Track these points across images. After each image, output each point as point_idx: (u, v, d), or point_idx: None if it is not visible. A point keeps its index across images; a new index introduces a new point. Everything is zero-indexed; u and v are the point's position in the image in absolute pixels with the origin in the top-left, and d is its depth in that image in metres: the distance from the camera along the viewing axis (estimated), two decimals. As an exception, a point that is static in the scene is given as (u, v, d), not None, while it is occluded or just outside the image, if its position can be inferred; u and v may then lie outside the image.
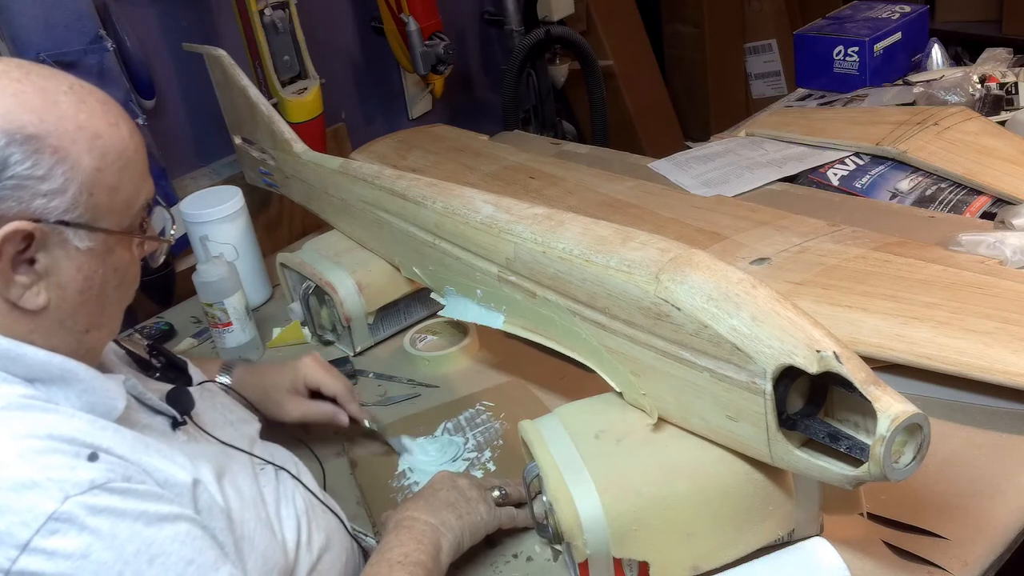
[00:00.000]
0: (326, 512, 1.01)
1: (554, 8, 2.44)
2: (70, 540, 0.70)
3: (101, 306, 0.82)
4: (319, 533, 0.97)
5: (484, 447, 1.20)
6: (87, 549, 0.70)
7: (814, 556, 0.87)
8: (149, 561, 0.73)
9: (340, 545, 1.01)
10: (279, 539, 0.91)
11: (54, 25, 1.54)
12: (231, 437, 0.95)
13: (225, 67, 1.60)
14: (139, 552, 0.72)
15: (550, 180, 1.74)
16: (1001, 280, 1.20)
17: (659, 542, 0.91)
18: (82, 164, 0.77)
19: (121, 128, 0.81)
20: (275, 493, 0.95)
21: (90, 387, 0.80)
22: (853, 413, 0.82)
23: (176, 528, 0.75)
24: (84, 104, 0.78)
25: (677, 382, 0.92)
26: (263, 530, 0.88)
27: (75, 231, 0.77)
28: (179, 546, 0.75)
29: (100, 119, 0.79)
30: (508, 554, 1.04)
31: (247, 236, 1.57)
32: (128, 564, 0.72)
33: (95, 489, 0.72)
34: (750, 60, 3.22)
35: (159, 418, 0.88)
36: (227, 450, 0.93)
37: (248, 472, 0.93)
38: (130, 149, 0.81)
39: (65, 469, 0.72)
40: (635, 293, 0.93)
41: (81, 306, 0.80)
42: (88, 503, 0.71)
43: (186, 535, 0.76)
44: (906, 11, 2.18)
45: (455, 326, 1.42)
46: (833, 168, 1.69)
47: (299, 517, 0.95)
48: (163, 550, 0.74)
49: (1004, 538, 0.95)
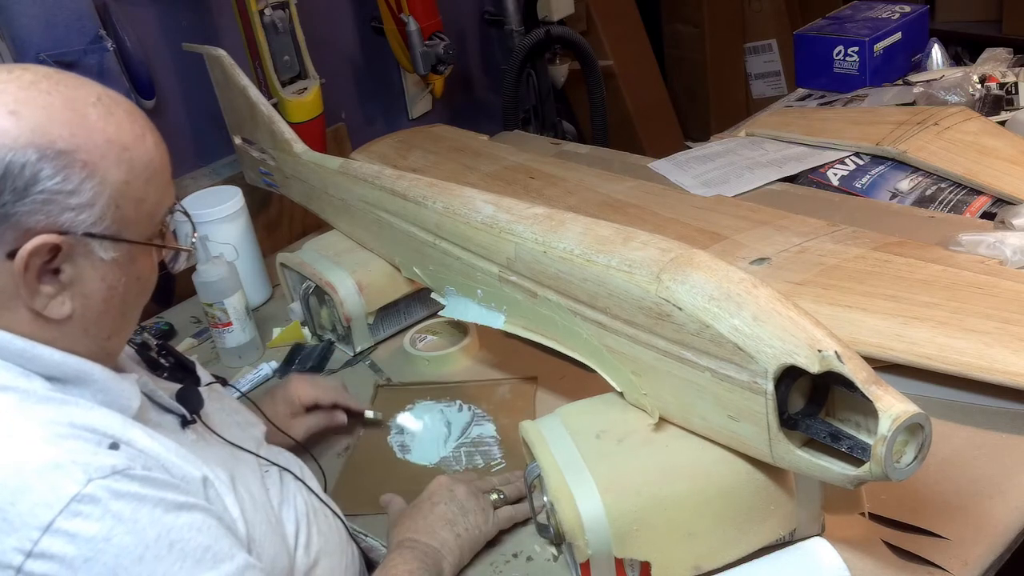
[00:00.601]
0: (327, 515, 1.01)
1: (554, 8, 2.44)
2: (92, 523, 0.70)
3: (123, 313, 0.83)
4: (318, 536, 0.97)
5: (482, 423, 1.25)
6: (109, 533, 0.70)
7: (815, 556, 0.88)
8: (169, 547, 0.73)
9: (340, 549, 1.01)
10: (286, 544, 0.91)
11: (54, 25, 1.54)
12: (238, 438, 0.95)
13: (225, 67, 1.60)
14: (159, 537, 0.73)
15: (550, 180, 1.74)
16: (1001, 280, 1.20)
17: (661, 542, 0.91)
18: (110, 178, 0.77)
19: (147, 140, 0.81)
20: (279, 495, 0.95)
21: (105, 387, 0.80)
22: (854, 413, 0.83)
23: (192, 516, 0.76)
24: (112, 116, 0.79)
25: (678, 382, 0.92)
26: (272, 535, 0.89)
27: (101, 242, 0.78)
28: (196, 533, 0.75)
29: (128, 132, 0.79)
30: (508, 554, 1.04)
31: (247, 236, 1.57)
32: (149, 548, 0.72)
33: (117, 474, 0.72)
34: (750, 60, 3.22)
35: (169, 416, 0.89)
36: (235, 452, 0.93)
37: (256, 474, 0.93)
38: (156, 160, 0.82)
39: (88, 454, 0.73)
40: (636, 293, 0.93)
41: (104, 314, 0.81)
42: (111, 487, 0.72)
43: (202, 523, 0.77)
44: (906, 11, 2.18)
45: (455, 326, 1.42)
46: (833, 168, 1.69)
47: (299, 519, 0.96)
48: (181, 536, 0.74)
49: (1004, 538, 0.95)
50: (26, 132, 0.73)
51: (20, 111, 0.74)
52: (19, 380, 0.76)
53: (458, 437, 1.23)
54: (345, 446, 1.25)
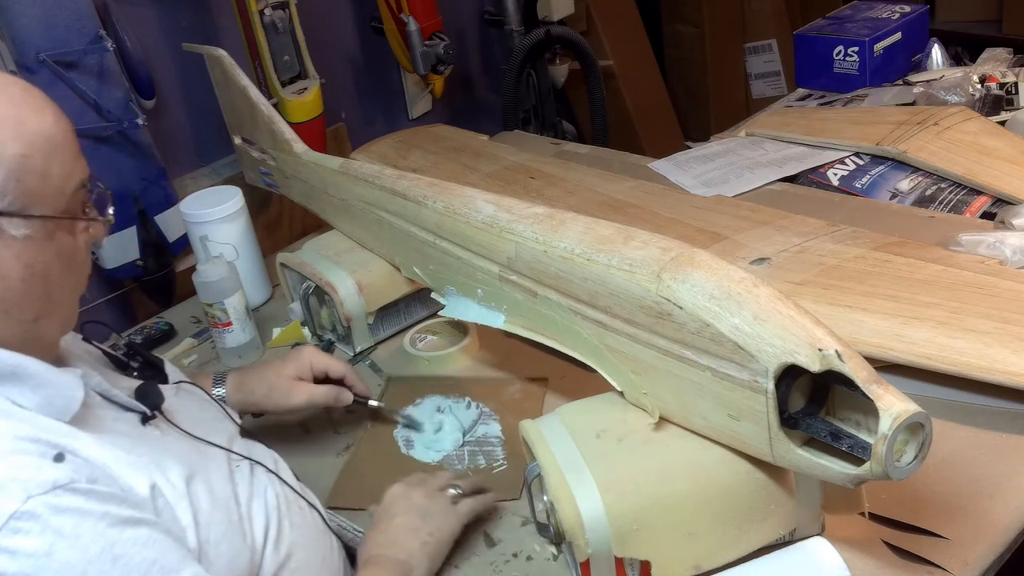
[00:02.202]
0: (302, 507, 1.00)
1: (554, 8, 2.44)
2: (33, 539, 0.70)
3: (47, 294, 0.82)
4: (291, 529, 0.96)
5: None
6: (50, 548, 0.70)
7: (815, 556, 0.88)
8: (112, 561, 0.73)
9: (316, 543, 1.00)
10: (248, 542, 0.90)
11: (54, 25, 1.54)
12: (206, 434, 0.94)
13: (225, 67, 1.60)
14: (103, 552, 0.72)
15: (550, 180, 1.74)
16: (1001, 280, 1.20)
17: (661, 541, 0.91)
18: (7, 152, 0.77)
19: (45, 114, 0.81)
20: (248, 490, 0.94)
21: (44, 381, 0.79)
22: (855, 412, 0.83)
23: (138, 532, 0.76)
24: (4, 94, 0.79)
25: (679, 381, 0.92)
26: (232, 535, 0.88)
27: (9, 220, 0.78)
28: (141, 548, 0.75)
29: (22, 106, 0.80)
30: (508, 553, 1.04)
31: (247, 236, 1.57)
32: (92, 563, 0.72)
33: (58, 489, 0.72)
34: (750, 60, 3.22)
35: (128, 415, 0.88)
36: (202, 448, 0.92)
37: (223, 470, 0.92)
38: (57, 134, 0.81)
39: (30, 469, 0.72)
40: (637, 292, 0.93)
41: (25, 295, 0.80)
42: (51, 503, 0.71)
43: (147, 538, 0.76)
44: (906, 11, 2.18)
45: (455, 326, 1.42)
46: (833, 168, 1.69)
47: (268, 513, 0.94)
48: (125, 551, 0.74)
49: (1004, 538, 0.95)
50: None
51: None
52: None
53: (464, 435, 1.23)
54: (345, 445, 1.25)
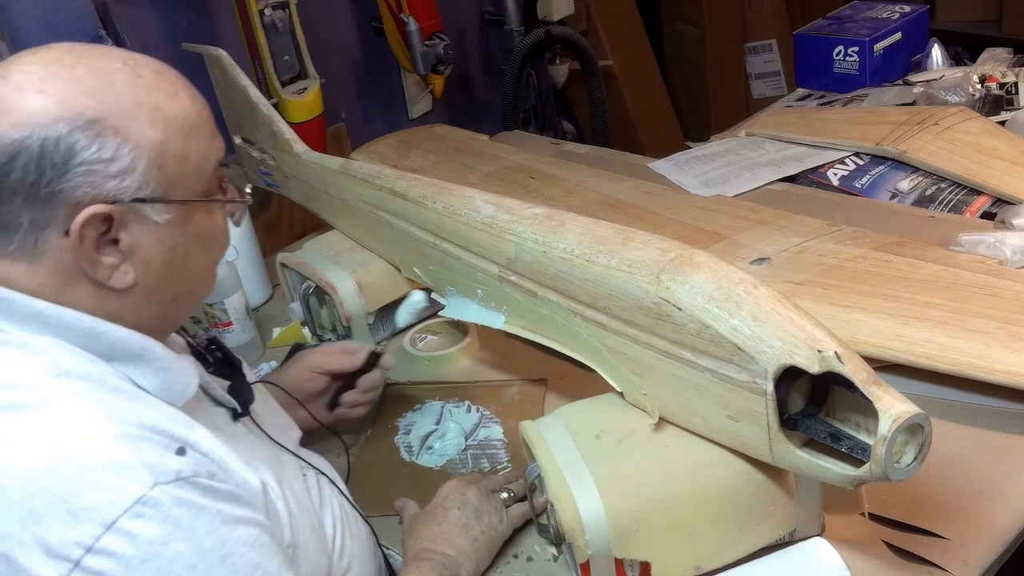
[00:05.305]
0: (358, 521, 1.01)
1: (554, 8, 2.44)
2: (153, 526, 0.70)
3: (188, 274, 0.83)
4: (351, 540, 0.96)
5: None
6: (167, 538, 0.70)
7: (815, 556, 0.88)
8: (222, 559, 0.73)
9: (370, 554, 1.00)
10: (326, 550, 0.91)
11: (54, 25, 1.54)
12: (280, 439, 0.95)
13: (225, 67, 1.60)
14: (214, 549, 0.73)
15: (550, 180, 1.74)
16: (1001, 280, 1.20)
17: (660, 542, 0.91)
18: (146, 139, 0.77)
19: (180, 95, 0.80)
20: (318, 498, 0.95)
21: (165, 365, 0.80)
22: (854, 413, 0.83)
23: (248, 531, 0.76)
24: (140, 78, 0.78)
25: (678, 382, 0.92)
26: (315, 540, 0.88)
27: (152, 206, 0.77)
28: (248, 549, 0.75)
29: (158, 90, 0.79)
30: (508, 554, 1.04)
31: (247, 236, 1.57)
32: (203, 558, 0.72)
33: (181, 481, 0.72)
34: (750, 60, 3.22)
35: (220, 409, 0.88)
36: (278, 452, 0.93)
37: (298, 476, 0.93)
38: (192, 115, 0.81)
39: (156, 456, 0.73)
40: (636, 293, 0.93)
41: (167, 277, 0.81)
42: (174, 493, 0.72)
43: (256, 540, 0.76)
44: (906, 11, 2.18)
45: (455, 326, 1.42)
46: (833, 168, 1.69)
47: (335, 523, 0.95)
48: (235, 550, 0.74)
49: (1004, 538, 0.95)
50: (55, 107, 0.73)
51: (47, 88, 0.74)
52: (87, 366, 0.76)
53: (466, 439, 1.22)
54: (346, 446, 1.25)
